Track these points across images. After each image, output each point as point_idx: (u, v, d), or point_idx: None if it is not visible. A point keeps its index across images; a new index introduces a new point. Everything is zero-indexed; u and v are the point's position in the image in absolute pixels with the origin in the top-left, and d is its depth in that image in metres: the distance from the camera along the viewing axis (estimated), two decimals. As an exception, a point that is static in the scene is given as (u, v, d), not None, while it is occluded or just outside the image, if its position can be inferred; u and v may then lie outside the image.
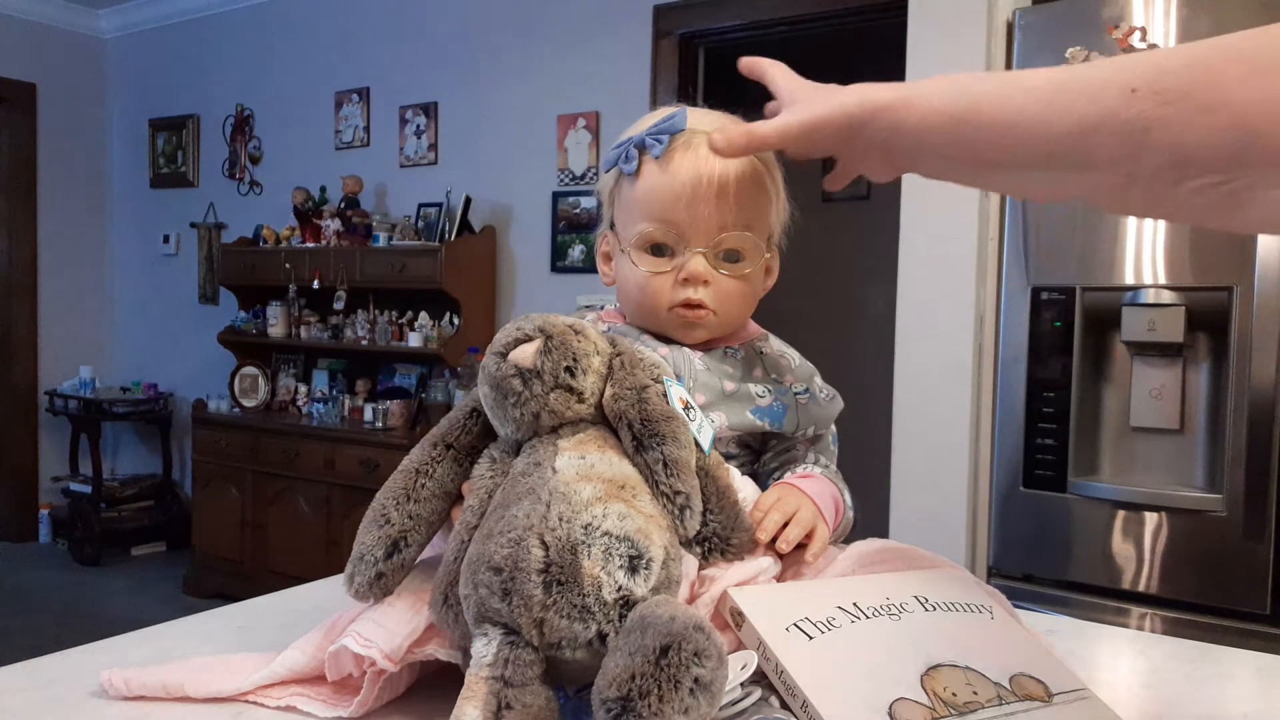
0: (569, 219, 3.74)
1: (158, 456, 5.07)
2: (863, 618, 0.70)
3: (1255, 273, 1.76)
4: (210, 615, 0.95)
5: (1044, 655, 0.72)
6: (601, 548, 0.63)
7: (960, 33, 2.09)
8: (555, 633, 0.61)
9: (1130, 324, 1.87)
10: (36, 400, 5.10)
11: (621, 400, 0.72)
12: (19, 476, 5.10)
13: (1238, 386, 1.79)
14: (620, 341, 0.77)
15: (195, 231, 4.95)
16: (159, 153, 5.09)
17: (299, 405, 4.28)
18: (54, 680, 0.77)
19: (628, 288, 0.91)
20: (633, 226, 0.89)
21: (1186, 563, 1.85)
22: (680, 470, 0.69)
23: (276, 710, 0.72)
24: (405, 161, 4.18)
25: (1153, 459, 1.93)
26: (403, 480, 0.76)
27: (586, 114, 3.66)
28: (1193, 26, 1.82)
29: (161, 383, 5.05)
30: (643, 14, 3.52)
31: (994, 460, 2.08)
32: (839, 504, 0.88)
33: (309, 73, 4.47)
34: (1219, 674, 0.88)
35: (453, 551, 0.70)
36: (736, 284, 0.89)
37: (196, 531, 4.31)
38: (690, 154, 0.87)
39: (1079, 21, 1.93)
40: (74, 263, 5.24)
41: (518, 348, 0.72)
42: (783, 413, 0.89)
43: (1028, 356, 2.00)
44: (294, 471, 3.93)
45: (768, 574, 0.76)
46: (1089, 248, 1.93)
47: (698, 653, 0.56)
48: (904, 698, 0.64)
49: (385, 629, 0.71)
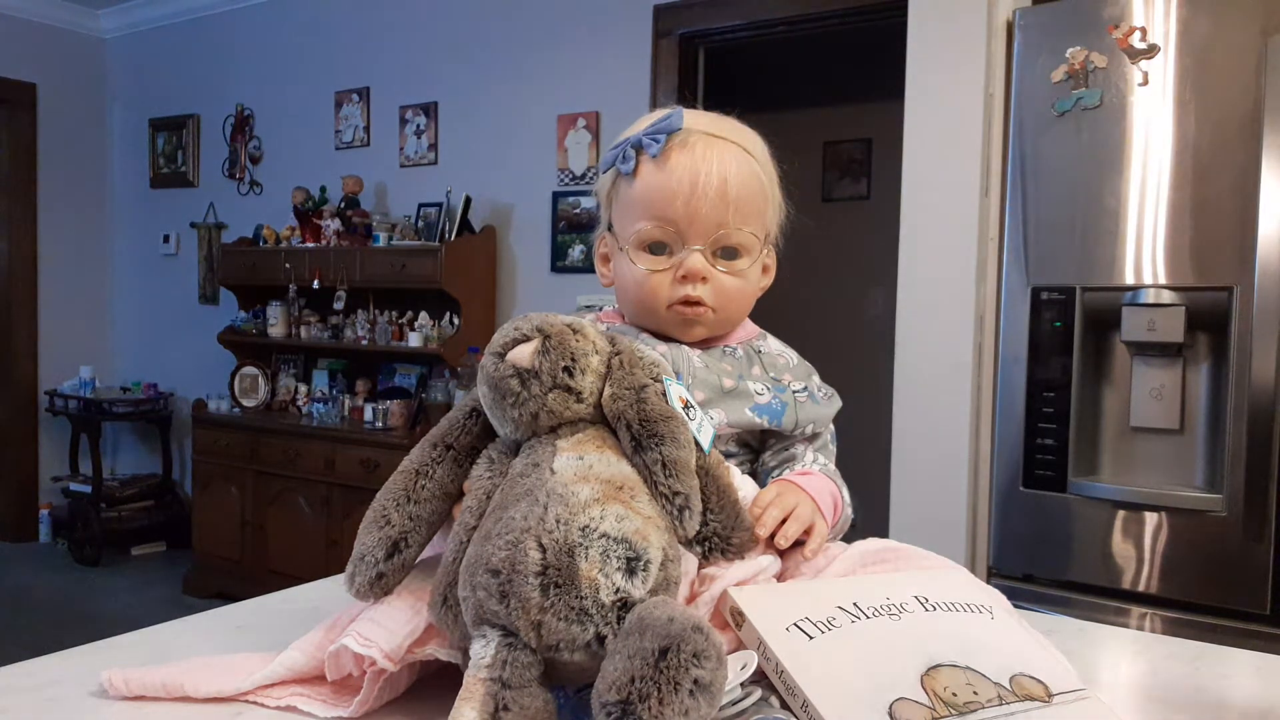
0: (569, 219, 3.73)
1: (158, 456, 5.07)
2: (863, 618, 0.70)
3: (1255, 273, 1.75)
4: (210, 615, 0.95)
5: (1044, 655, 0.72)
6: (599, 550, 0.63)
7: (960, 33, 2.09)
8: (553, 635, 0.61)
9: (1130, 324, 1.87)
10: (36, 400, 5.09)
11: (620, 400, 0.72)
12: (19, 476, 5.10)
13: (1238, 386, 1.78)
14: (619, 340, 0.77)
15: (195, 231, 4.95)
16: (159, 153, 5.09)
17: (299, 405, 4.28)
18: (54, 680, 0.77)
19: (626, 286, 0.92)
20: (631, 226, 0.89)
21: (1186, 563, 1.85)
22: (679, 470, 0.69)
23: (276, 710, 0.72)
24: (405, 161, 4.18)
25: (1153, 459, 1.92)
26: (403, 481, 0.76)
27: (586, 114, 3.66)
28: (1193, 26, 1.82)
29: (161, 383, 5.05)
30: (643, 14, 3.52)
31: (994, 460, 2.08)
32: (837, 501, 0.88)
33: (309, 73, 4.47)
34: (1219, 674, 0.88)
35: (452, 552, 0.70)
36: (734, 281, 0.90)
37: (196, 531, 4.31)
38: (687, 153, 0.87)
39: (1079, 21, 1.93)
40: (74, 263, 5.23)
41: (515, 348, 0.72)
42: (781, 410, 0.89)
43: (1028, 356, 1.99)
44: (294, 471, 3.93)
45: (768, 573, 0.76)
46: (1089, 248, 1.93)
47: (697, 654, 0.56)
48: (904, 698, 0.64)
49: (385, 629, 0.71)
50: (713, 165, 0.86)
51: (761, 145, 0.93)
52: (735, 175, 0.87)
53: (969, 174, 2.09)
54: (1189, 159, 1.82)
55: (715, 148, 0.87)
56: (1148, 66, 1.86)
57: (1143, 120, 1.87)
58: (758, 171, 0.90)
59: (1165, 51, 1.84)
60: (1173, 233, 1.84)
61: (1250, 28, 1.77)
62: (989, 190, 2.10)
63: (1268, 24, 1.75)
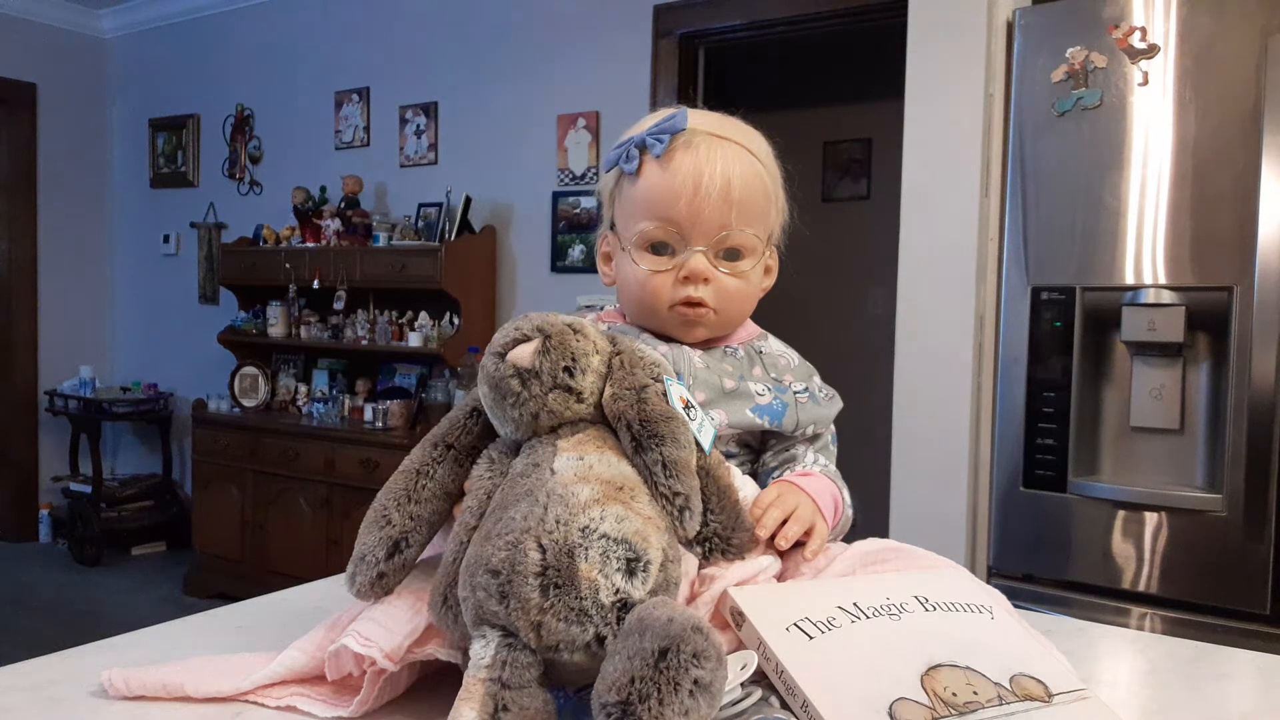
0: (569, 219, 3.73)
1: (158, 456, 5.07)
2: (863, 618, 0.70)
3: (1255, 273, 1.75)
4: (210, 615, 0.95)
5: (1044, 655, 0.72)
6: (599, 550, 0.63)
7: (960, 33, 2.09)
8: (553, 635, 0.61)
9: (1130, 324, 1.87)
10: (36, 400, 5.09)
11: (620, 400, 0.71)
12: (19, 476, 5.09)
13: (1238, 386, 1.78)
14: (620, 340, 0.77)
15: (195, 231, 4.95)
16: (159, 153, 5.09)
17: (299, 405, 4.28)
18: (54, 680, 0.77)
19: (628, 286, 0.92)
20: (634, 225, 0.89)
21: (1186, 563, 1.85)
22: (679, 471, 0.69)
23: (276, 710, 0.72)
24: (405, 161, 4.18)
25: (1153, 459, 1.92)
26: (403, 481, 0.76)
27: (586, 114, 3.66)
28: (1193, 26, 1.82)
29: (161, 383, 5.04)
30: (643, 14, 3.52)
31: (994, 460, 2.08)
32: (838, 502, 0.88)
33: (309, 73, 4.47)
34: (1219, 674, 0.88)
35: (452, 552, 0.70)
36: (736, 282, 0.90)
37: (196, 531, 4.31)
38: (691, 153, 0.87)
39: (1079, 21, 1.93)
40: (74, 263, 5.23)
41: (516, 348, 0.72)
42: (782, 411, 0.89)
43: (1028, 356, 1.99)
44: (294, 471, 3.93)
45: (768, 573, 0.76)
46: (1089, 248, 1.93)
47: (696, 654, 0.56)
48: (904, 698, 0.64)
49: (385, 628, 0.71)
50: (716, 166, 0.86)
51: (765, 146, 0.93)
52: (739, 176, 0.87)
53: (969, 174, 2.09)
54: (1189, 159, 1.82)
55: (719, 148, 0.87)
56: (1148, 66, 1.86)
57: (1143, 120, 1.87)
58: (761, 173, 0.90)
59: (1165, 51, 1.84)
60: (1173, 233, 1.84)
61: (1250, 27, 1.77)
62: (989, 190, 2.10)
63: (1268, 24, 1.75)
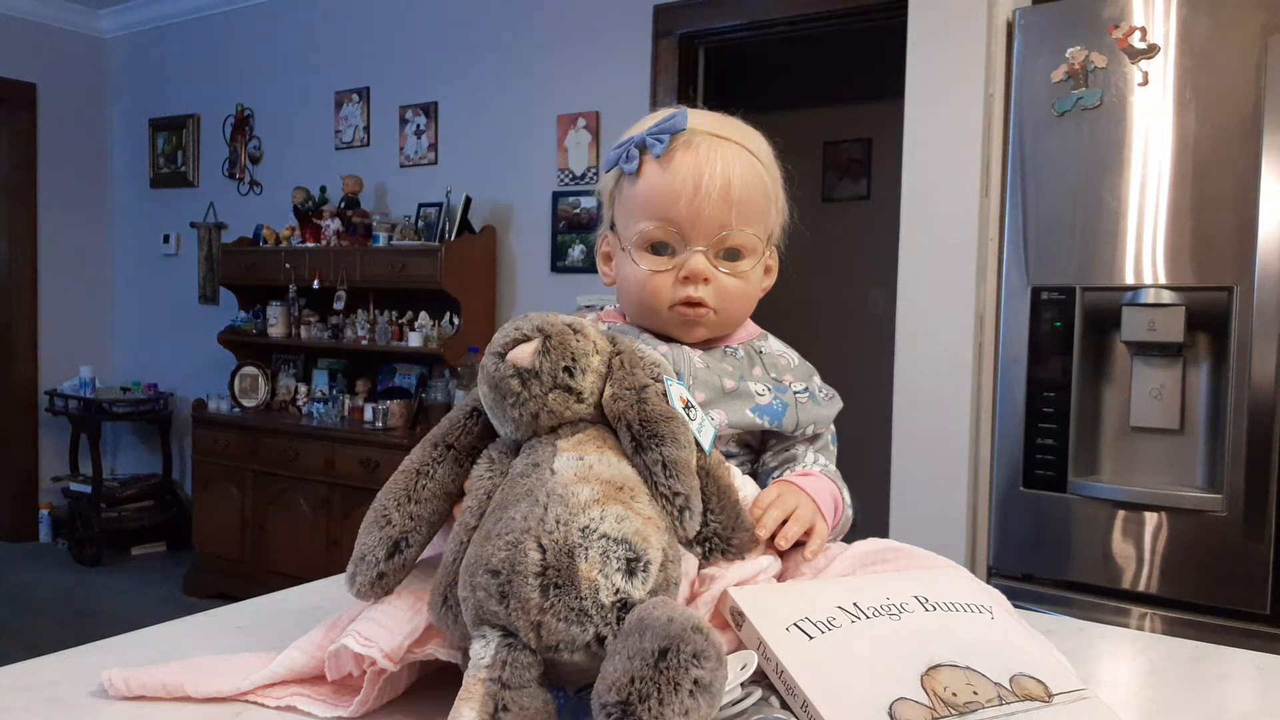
0: (569, 219, 3.73)
1: (158, 456, 5.07)
2: (863, 618, 0.70)
3: (1255, 273, 1.75)
4: (210, 615, 0.94)
5: (1044, 655, 0.72)
6: (599, 550, 0.63)
7: (960, 33, 2.09)
8: (553, 635, 0.61)
9: (1130, 324, 1.87)
10: (36, 400, 5.09)
11: (620, 400, 0.71)
12: (19, 476, 5.09)
13: (1238, 386, 1.78)
14: (620, 340, 0.76)
15: (195, 231, 4.95)
16: (159, 153, 5.09)
17: (299, 405, 4.27)
18: (54, 680, 0.77)
19: (628, 286, 0.92)
20: (634, 225, 0.89)
21: (1186, 563, 1.85)
22: (679, 471, 0.69)
23: (276, 710, 0.72)
24: (405, 161, 4.18)
25: (1153, 459, 1.92)
26: (403, 481, 0.76)
27: (586, 114, 3.66)
28: (1193, 26, 1.82)
29: (161, 383, 5.04)
30: (643, 14, 3.52)
31: (994, 460, 2.08)
32: (838, 502, 0.88)
33: (309, 73, 4.47)
34: (1219, 674, 0.88)
35: (452, 552, 0.70)
36: (736, 282, 0.90)
37: (196, 531, 4.31)
38: (691, 153, 0.87)
39: (1079, 21, 1.93)
40: (74, 263, 5.23)
41: (516, 348, 0.72)
42: (782, 411, 0.89)
43: (1028, 356, 1.99)
44: (294, 471, 3.93)
45: (768, 573, 0.76)
46: (1089, 248, 1.93)
47: (696, 654, 0.56)
48: (904, 698, 0.64)
49: (385, 628, 0.71)
50: (716, 166, 0.86)
51: (766, 146, 0.93)
52: (739, 176, 0.87)
53: (969, 174, 2.09)
54: (1189, 159, 1.82)
55: (719, 148, 0.87)
56: (1148, 66, 1.86)
57: (1143, 120, 1.87)
58: (761, 173, 0.90)
59: (1165, 51, 1.84)
60: (1173, 233, 1.84)
61: (1250, 28, 1.77)
62: (989, 190, 2.10)
63: (1268, 24, 1.75)
